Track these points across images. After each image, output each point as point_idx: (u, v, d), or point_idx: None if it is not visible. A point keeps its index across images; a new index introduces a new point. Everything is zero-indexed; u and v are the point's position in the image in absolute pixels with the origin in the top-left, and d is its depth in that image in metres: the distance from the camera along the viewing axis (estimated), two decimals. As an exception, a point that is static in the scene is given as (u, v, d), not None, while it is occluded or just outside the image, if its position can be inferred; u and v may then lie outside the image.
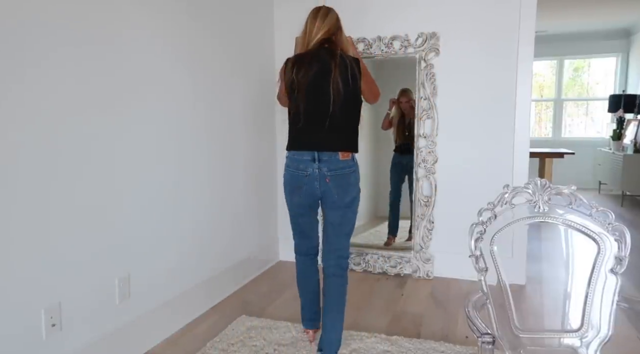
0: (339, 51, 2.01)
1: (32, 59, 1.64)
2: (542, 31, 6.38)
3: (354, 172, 2.07)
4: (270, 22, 3.44)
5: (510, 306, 1.51)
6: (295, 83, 2.02)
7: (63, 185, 1.78)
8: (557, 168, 5.12)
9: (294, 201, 2.13)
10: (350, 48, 2.17)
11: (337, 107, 1.97)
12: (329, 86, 1.95)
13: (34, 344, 1.70)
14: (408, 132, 3.36)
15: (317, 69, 1.99)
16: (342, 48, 2.06)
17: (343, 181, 2.03)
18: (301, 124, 2.04)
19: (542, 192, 1.48)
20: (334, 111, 1.97)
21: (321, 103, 1.98)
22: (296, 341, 2.28)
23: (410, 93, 3.34)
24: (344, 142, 2.03)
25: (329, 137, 2.01)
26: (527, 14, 2.91)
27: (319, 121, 2.00)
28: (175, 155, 2.42)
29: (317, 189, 2.04)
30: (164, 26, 2.31)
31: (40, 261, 1.70)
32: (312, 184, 2.03)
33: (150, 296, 2.26)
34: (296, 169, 2.06)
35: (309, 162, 2.02)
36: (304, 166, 2.03)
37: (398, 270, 3.27)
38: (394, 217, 3.58)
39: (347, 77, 1.97)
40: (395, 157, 3.55)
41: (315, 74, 1.99)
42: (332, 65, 1.96)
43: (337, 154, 2.01)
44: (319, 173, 2.01)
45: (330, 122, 1.99)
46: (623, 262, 1.40)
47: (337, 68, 1.96)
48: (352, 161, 2.06)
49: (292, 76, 2.02)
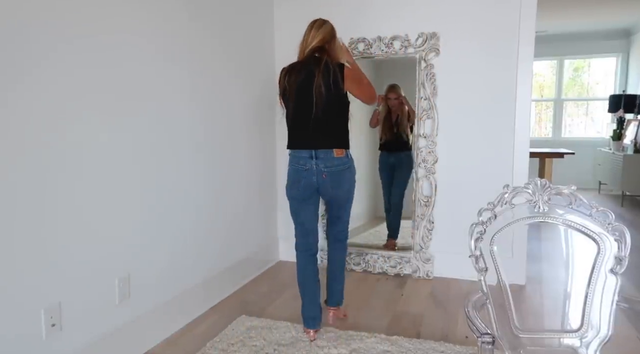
0: (325, 59, 2.24)
1: (32, 60, 1.64)
2: (542, 31, 6.38)
3: (348, 168, 2.32)
4: (271, 22, 3.44)
5: (510, 306, 1.51)
6: (287, 89, 2.29)
7: (63, 185, 1.78)
8: (557, 168, 5.11)
9: (293, 193, 2.35)
10: (343, 55, 2.40)
11: (320, 109, 2.21)
12: (312, 91, 2.19)
13: (34, 344, 1.70)
14: (396, 129, 3.34)
15: (304, 76, 2.23)
16: (333, 55, 2.30)
17: (338, 176, 2.28)
18: (293, 125, 2.31)
19: (542, 192, 1.48)
20: (316, 112, 2.21)
21: (307, 106, 2.22)
22: (296, 341, 2.28)
23: (398, 89, 3.32)
24: (333, 140, 2.26)
25: (319, 137, 2.25)
26: (527, 14, 2.91)
27: (306, 122, 2.24)
28: (175, 155, 2.42)
29: (315, 182, 2.28)
30: (164, 26, 2.30)
31: (40, 261, 1.70)
32: (310, 178, 2.27)
33: (150, 296, 2.26)
34: (297, 163, 2.30)
35: (307, 159, 2.26)
36: (303, 162, 2.28)
37: (398, 270, 3.27)
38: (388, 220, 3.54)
39: (329, 82, 2.19)
40: (382, 157, 3.49)
41: (302, 80, 2.24)
42: (316, 72, 2.20)
43: (332, 151, 2.25)
44: (316, 169, 2.26)
45: (316, 123, 2.23)
46: (623, 262, 1.40)
47: (320, 74, 2.19)
48: (346, 158, 2.30)
49: (284, 83, 2.30)
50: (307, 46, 2.30)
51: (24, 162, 1.63)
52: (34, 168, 1.67)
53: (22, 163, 1.62)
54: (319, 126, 2.24)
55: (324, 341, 2.28)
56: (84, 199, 1.87)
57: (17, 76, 1.59)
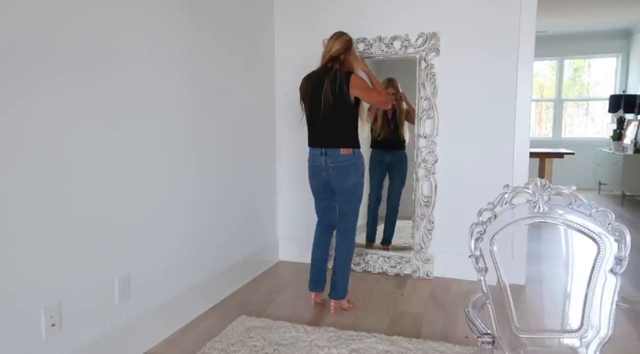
0: (336, 68, 2.55)
1: (36, 65, 1.64)
2: (542, 31, 6.38)
3: (353, 164, 2.56)
4: (271, 22, 3.44)
5: (510, 306, 1.51)
6: (304, 95, 2.64)
7: (63, 186, 1.78)
8: (557, 168, 5.12)
9: (312, 185, 2.72)
10: (357, 65, 2.65)
11: (328, 112, 2.52)
12: (321, 96, 2.50)
13: (34, 344, 1.70)
14: (394, 126, 3.30)
15: (317, 83, 2.56)
16: (347, 65, 2.60)
17: (342, 171, 2.56)
18: (309, 126, 2.64)
19: (542, 193, 1.48)
20: (325, 115, 2.53)
21: (318, 109, 2.55)
22: (296, 341, 2.28)
23: (397, 84, 3.28)
24: (340, 140, 2.55)
25: (328, 136, 2.56)
26: (527, 14, 2.91)
27: (317, 123, 2.58)
28: (174, 155, 2.42)
29: (324, 177, 2.61)
30: (164, 26, 2.30)
31: (40, 261, 1.70)
32: (320, 173, 2.61)
33: (150, 296, 2.26)
34: (312, 160, 2.65)
35: (318, 156, 2.59)
36: (316, 158, 2.61)
37: (398, 270, 3.27)
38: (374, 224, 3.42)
39: (335, 89, 2.49)
40: (376, 155, 3.34)
41: (315, 87, 2.56)
42: (326, 80, 2.52)
43: (339, 149, 2.54)
44: (325, 165, 2.57)
45: (324, 125, 2.55)
46: (623, 262, 1.40)
47: (328, 82, 2.51)
48: (352, 155, 2.55)
49: (302, 90, 2.65)
50: (326, 55, 2.62)
51: (24, 163, 1.63)
52: (34, 169, 1.66)
53: (22, 163, 1.62)
54: (328, 127, 2.55)
55: (324, 341, 2.28)
56: (84, 199, 1.87)
57: (23, 85, 1.59)
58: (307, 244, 3.45)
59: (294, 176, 3.52)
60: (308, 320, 2.55)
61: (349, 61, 2.62)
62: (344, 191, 2.60)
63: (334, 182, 2.59)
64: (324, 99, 2.50)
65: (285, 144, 3.54)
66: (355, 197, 2.63)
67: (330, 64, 2.59)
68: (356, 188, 2.62)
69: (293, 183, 3.53)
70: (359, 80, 2.55)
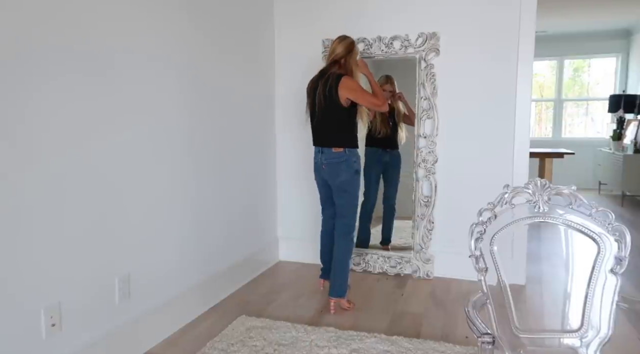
0: (330, 71, 2.65)
1: (40, 67, 1.64)
2: (542, 31, 6.38)
3: (344, 161, 2.66)
4: (271, 22, 3.44)
5: (510, 306, 1.51)
6: (307, 97, 2.78)
7: (63, 186, 1.78)
8: (557, 168, 5.12)
9: (316, 179, 2.88)
10: (357, 68, 2.72)
11: (321, 113, 2.67)
12: (316, 98, 2.65)
13: (34, 344, 1.70)
14: (392, 123, 3.29)
15: (315, 86, 2.69)
16: (348, 68, 2.68)
17: (334, 167, 2.68)
18: (311, 126, 2.79)
19: (542, 192, 1.48)
20: (319, 116, 2.69)
21: (314, 111, 2.70)
22: (296, 341, 2.28)
23: (394, 81, 3.27)
24: (332, 139, 2.68)
25: (322, 136, 2.72)
26: (527, 14, 2.90)
27: (314, 123, 2.74)
28: (174, 156, 2.42)
29: (322, 173, 2.76)
30: (163, 26, 2.30)
31: (40, 261, 1.70)
32: (319, 169, 2.77)
33: (150, 296, 2.26)
34: (314, 157, 2.81)
35: (317, 154, 2.76)
36: (316, 156, 2.78)
37: (398, 270, 3.27)
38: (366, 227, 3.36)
39: (326, 92, 2.61)
40: (373, 154, 3.28)
41: (313, 90, 2.70)
42: (320, 83, 2.64)
43: (331, 148, 2.67)
44: (321, 162, 2.73)
45: (319, 125, 2.71)
46: (623, 262, 1.40)
47: (322, 85, 2.63)
48: (343, 153, 2.65)
49: (307, 92, 2.79)
50: (329, 56, 2.74)
51: (24, 163, 1.63)
52: (34, 169, 1.66)
53: (22, 164, 1.62)
54: (322, 128, 2.70)
55: (324, 341, 2.27)
56: (84, 199, 1.87)
57: (28, 92, 1.59)
58: (307, 244, 3.46)
59: (294, 176, 3.52)
60: (308, 320, 2.55)
61: (349, 64, 2.69)
62: (336, 186, 2.70)
63: (328, 178, 2.73)
64: (317, 102, 2.64)
65: (285, 144, 3.53)
66: (347, 194, 2.70)
67: (330, 67, 2.68)
68: (348, 185, 2.68)
69: (293, 183, 3.53)
70: (349, 82, 2.60)
